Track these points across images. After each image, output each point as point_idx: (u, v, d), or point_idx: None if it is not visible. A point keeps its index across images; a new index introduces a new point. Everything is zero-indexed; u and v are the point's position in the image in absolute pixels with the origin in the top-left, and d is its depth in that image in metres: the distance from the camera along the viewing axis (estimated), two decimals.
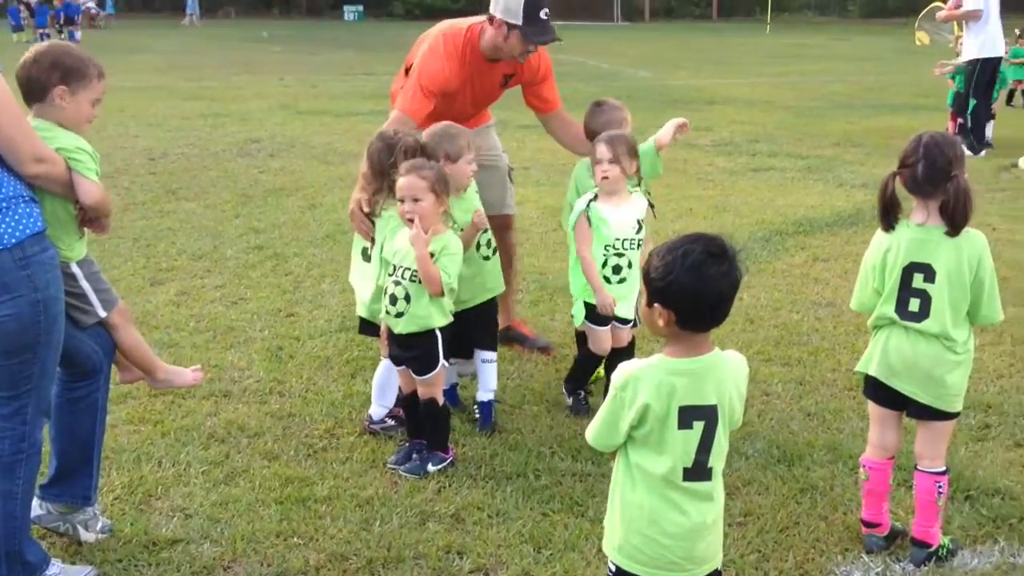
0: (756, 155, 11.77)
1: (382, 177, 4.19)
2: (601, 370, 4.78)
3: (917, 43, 17.01)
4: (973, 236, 3.36)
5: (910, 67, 15.13)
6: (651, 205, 4.64)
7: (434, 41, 4.92)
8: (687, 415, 2.48)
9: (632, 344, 4.68)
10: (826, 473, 4.08)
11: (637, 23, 39.53)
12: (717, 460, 2.55)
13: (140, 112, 14.39)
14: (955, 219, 3.29)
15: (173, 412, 4.59)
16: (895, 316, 3.40)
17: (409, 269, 3.97)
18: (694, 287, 2.39)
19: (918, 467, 3.50)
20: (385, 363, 4.45)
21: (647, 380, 2.48)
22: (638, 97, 16.30)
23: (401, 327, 4.03)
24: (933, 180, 3.30)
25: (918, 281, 3.36)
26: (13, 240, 2.97)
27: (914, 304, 3.37)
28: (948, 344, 3.37)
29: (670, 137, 4.62)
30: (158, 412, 4.58)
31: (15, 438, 3.13)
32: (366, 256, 4.46)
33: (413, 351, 4.07)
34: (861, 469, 3.63)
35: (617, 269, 4.48)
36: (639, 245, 4.49)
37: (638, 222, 4.49)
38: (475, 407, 4.59)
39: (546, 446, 4.31)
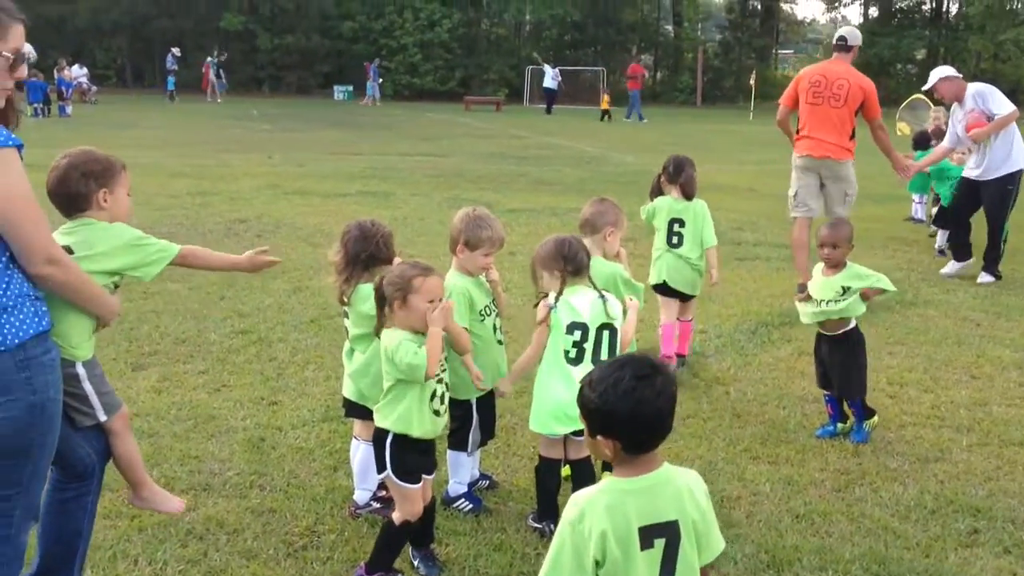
0: (741, 244, 11.85)
1: (354, 265, 4.21)
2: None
3: (898, 133, 17.17)
4: (698, 201, 6.61)
5: None
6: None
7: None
8: (647, 534, 2.40)
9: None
10: None
11: (622, 106, 40.10)
12: None
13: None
14: (687, 192, 6.53)
15: None
16: (667, 246, 6.56)
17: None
18: (631, 413, 2.37)
19: (684, 320, 6.88)
20: (362, 446, 4.42)
21: (600, 506, 2.40)
22: (626, 182, 16.46)
23: (445, 418, 3.96)
24: (677, 173, 6.55)
25: (676, 228, 6.55)
26: (16, 341, 2.86)
27: (675, 240, 6.56)
28: (692, 262, 6.57)
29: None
30: (136, 507, 4.47)
31: None
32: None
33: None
34: (659, 330, 6.66)
35: None
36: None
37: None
38: (463, 500, 4.60)
39: (531, 547, 4.24)
